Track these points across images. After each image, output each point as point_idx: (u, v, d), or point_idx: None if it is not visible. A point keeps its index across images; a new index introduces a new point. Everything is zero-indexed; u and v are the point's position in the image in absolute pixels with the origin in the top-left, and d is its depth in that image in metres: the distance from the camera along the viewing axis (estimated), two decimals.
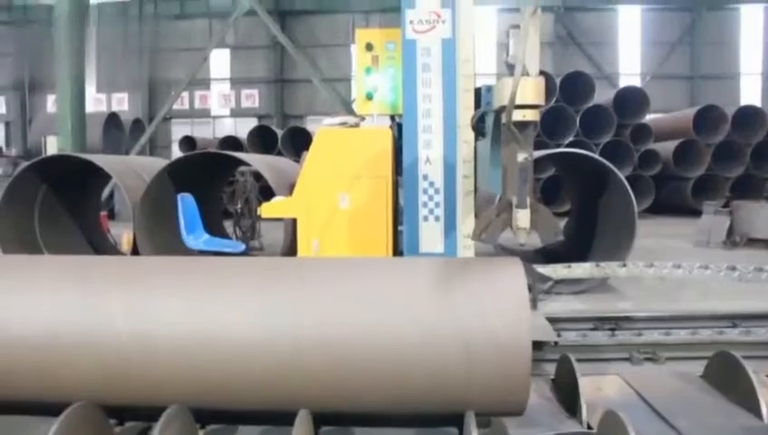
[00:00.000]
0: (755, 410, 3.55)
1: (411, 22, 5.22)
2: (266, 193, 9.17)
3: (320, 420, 3.36)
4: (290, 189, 6.39)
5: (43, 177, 9.51)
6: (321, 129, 5.96)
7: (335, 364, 3.26)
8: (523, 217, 3.50)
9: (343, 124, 5.96)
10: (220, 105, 30.77)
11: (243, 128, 26.17)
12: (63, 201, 9.92)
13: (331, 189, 5.74)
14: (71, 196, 10.05)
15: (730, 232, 11.58)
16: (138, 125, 24.29)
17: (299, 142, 19.34)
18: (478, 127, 4.70)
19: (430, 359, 3.25)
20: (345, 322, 3.31)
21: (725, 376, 3.95)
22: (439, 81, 5.20)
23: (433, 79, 5.21)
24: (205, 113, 30.89)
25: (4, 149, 26.90)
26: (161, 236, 8.86)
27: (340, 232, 5.73)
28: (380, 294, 3.40)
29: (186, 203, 7.19)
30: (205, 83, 30.42)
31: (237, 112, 30.35)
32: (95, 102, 26.89)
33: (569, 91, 18.40)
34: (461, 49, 5.17)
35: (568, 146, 17.02)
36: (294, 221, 6.00)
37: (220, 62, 30.13)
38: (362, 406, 3.39)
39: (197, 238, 7.08)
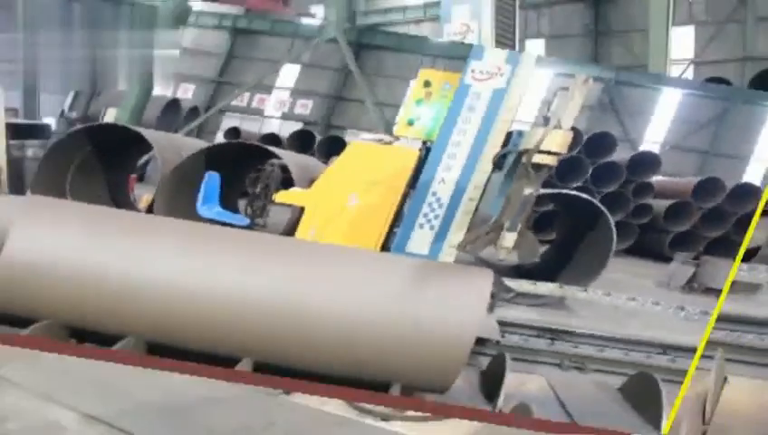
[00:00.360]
0: (657, 424, 3.52)
1: (473, 70, 5.24)
2: (288, 186, 9.14)
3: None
4: (309, 184, 6.39)
5: (91, 140, 9.63)
6: (356, 141, 5.98)
7: (282, 321, 3.29)
8: (509, 239, 3.74)
9: (379, 141, 5.97)
10: (275, 108, 29.81)
11: (288, 130, 25.87)
12: (102, 163, 10.00)
13: (345, 189, 5.72)
14: (111, 159, 10.12)
15: (691, 279, 11.43)
16: (194, 112, 24.36)
17: (334, 151, 18.77)
18: (499, 162, 4.81)
19: (377, 331, 3.30)
20: (305, 288, 3.38)
21: (640, 391, 3.92)
22: (479, 121, 5.21)
23: (473, 118, 5.22)
24: (258, 112, 30.66)
25: (66, 111, 27.10)
26: (180, 205, 8.84)
27: (340, 225, 5.69)
28: (351, 276, 3.52)
29: (211, 178, 7.32)
30: (267, 89, 30.58)
31: (288, 116, 29.41)
32: (163, 89, 27.06)
33: (592, 145, 17.94)
34: (509, 99, 5.18)
35: (573, 190, 16.78)
36: (302, 209, 5.99)
37: (289, 74, 29.28)
38: (307, 364, 3.41)
39: (210, 209, 7.16)
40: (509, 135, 5.12)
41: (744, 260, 5.58)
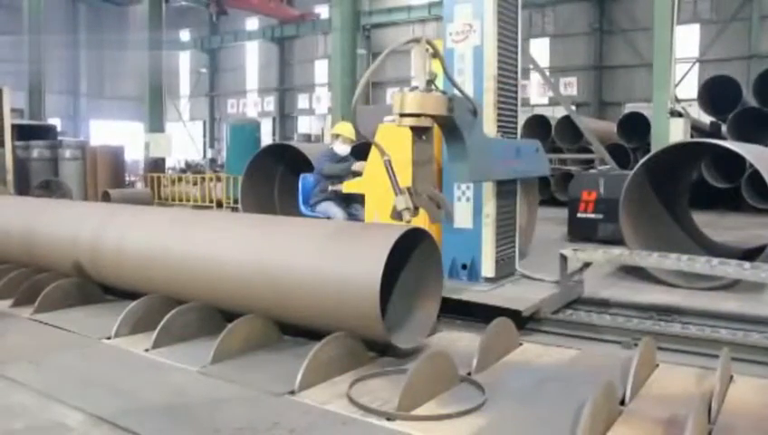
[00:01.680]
0: None
1: (450, 33, 5.34)
2: None
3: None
4: None
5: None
6: (384, 124, 5.97)
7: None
8: (400, 202, 3.88)
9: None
10: (539, 94, 27.90)
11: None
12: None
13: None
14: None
15: None
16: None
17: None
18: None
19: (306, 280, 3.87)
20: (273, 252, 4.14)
21: None
22: (471, 82, 5.25)
23: (465, 81, 5.24)
24: (524, 102, 27.81)
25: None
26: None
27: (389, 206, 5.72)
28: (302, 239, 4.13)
29: (306, 181, 7.59)
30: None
31: (554, 101, 25.66)
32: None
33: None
34: (487, 53, 5.20)
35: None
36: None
37: (540, 50, 27.87)
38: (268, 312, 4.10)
39: (308, 207, 7.46)
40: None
41: (749, 258, 5.56)
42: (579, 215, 9.38)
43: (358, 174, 6.64)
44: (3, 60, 27.49)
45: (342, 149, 7.20)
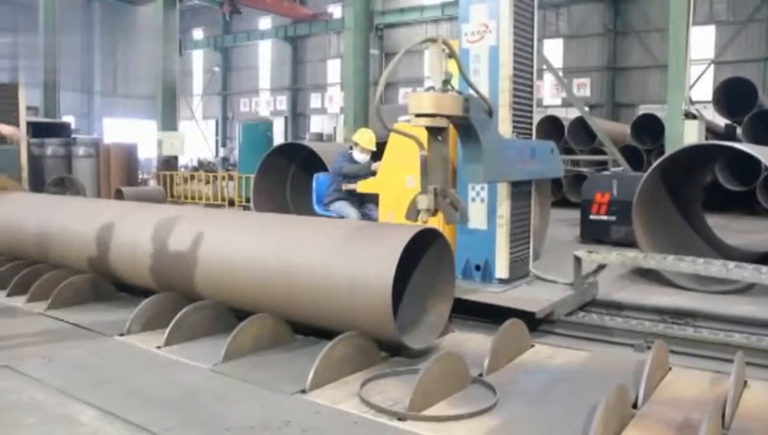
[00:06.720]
0: None
1: (466, 33, 5.34)
2: None
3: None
4: None
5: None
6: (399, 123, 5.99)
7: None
8: (422, 201, 3.87)
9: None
10: (552, 95, 27.79)
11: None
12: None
13: (401, 172, 5.80)
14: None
15: None
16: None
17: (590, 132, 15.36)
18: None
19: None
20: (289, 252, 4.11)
21: None
22: (486, 82, 5.27)
23: (481, 81, 5.26)
24: (537, 103, 26.86)
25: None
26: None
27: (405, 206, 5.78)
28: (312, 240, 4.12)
29: (319, 181, 7.68)
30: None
31: (567, 102, 25.68)
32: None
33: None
34: (502, 54, 5.21)
35: None
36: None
37: (554, 51, 27.61)
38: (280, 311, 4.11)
39: (322, 207, 7.54)
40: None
41: (764, 262, 5.51)
42: (591, 217, 9.34)
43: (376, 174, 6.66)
44: (19, 58, 27.67)
45: (361, 157, 7.19)
